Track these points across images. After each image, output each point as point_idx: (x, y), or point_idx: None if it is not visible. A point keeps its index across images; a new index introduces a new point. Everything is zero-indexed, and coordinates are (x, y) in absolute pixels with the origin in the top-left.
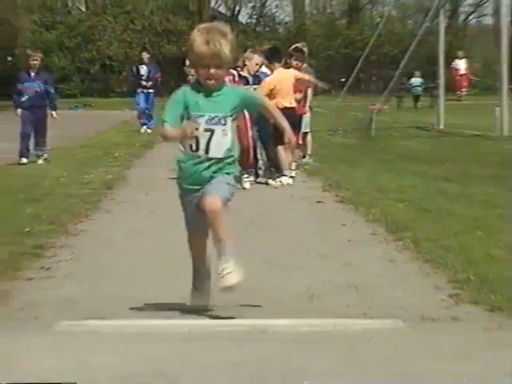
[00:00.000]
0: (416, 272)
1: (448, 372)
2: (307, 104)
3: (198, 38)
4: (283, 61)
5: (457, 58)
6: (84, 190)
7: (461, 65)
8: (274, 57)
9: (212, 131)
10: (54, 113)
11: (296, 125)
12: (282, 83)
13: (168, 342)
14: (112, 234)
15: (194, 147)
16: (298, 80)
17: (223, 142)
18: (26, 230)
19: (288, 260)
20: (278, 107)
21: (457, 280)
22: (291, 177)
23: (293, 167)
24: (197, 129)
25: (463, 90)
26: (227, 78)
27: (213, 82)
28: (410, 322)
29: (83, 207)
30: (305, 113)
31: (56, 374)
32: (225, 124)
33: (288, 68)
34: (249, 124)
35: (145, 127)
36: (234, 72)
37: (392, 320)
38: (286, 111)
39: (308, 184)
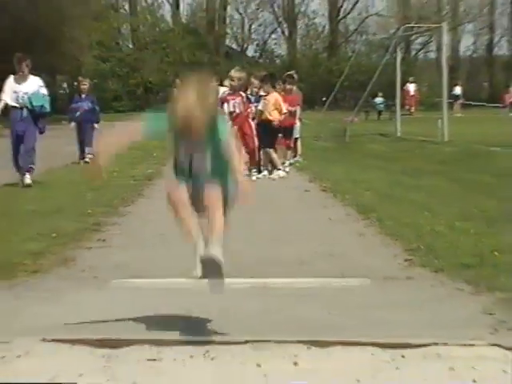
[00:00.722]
0: (380, 243)
1: (403, 317)
2: (297, 116)
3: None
4: (276, 84)
5: (408, 82)
6: (130, 181)
7: (411, 87)
8: (266, 80)
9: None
10: (96, 125)
11: (288, 132)
12: (278, 102)
13: (193, 295)
14: (151, 214)
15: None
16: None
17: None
18: (88, 211)
19: (283, 235)
20: (271, 118)
21: (410, 249)
22: (284, 171)
23: (286, 164)
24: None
25: (412, 106)
26: (238, 99)
27: None
28: (375, 280)
29: (130, 194)
30: (295, 123)
31: (112, 316)
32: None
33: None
34: (254, 131)
35: None
36: (243, 94)
37: (362, 279)
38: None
39: (298, 177)
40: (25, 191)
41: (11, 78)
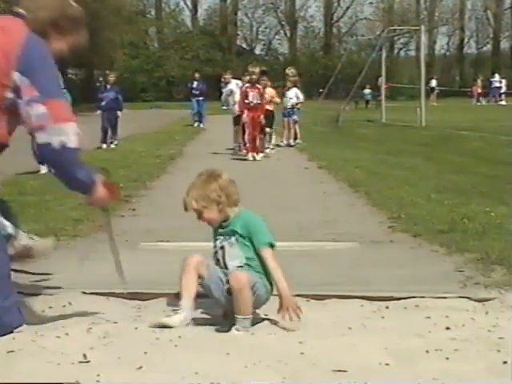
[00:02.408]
0: (367, 212)
1: (387, 274)
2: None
3: None
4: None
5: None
6: (156, 160)
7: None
8: (263, 75)
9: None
10: (119, 112)
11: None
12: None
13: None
14: (174, 187)
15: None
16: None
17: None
18: (120, 185)
19: (285, 204)
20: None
21: (393, 217)
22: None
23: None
24: None
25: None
26: (256, 91)
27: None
28: (363, 244)
29: (155, 171)
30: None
31: (140, 274)
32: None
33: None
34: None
35: (197, 123)
36: (260, 86)
37: (352, 242)
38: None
39: (299, 157)
40: None
41: None
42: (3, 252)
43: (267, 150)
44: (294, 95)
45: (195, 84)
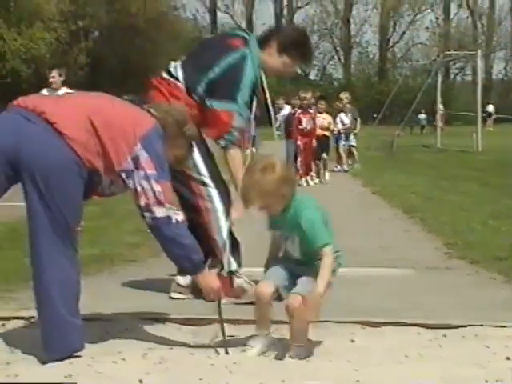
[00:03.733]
0: (423, 238)
1: (444, 301)
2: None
3: None
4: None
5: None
6: None
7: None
8: (321, 99)
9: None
10: None
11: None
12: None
13: None
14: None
15: None
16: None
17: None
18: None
19: (340, 230)
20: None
21: (449, 243)
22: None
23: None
24: None
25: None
26: (308, 116)
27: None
28: (419, 270)
29: None
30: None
31: (195, 299)
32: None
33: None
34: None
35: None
36: (311, 111)
37: (407, 269)
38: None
39: (353, 182)
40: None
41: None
42: (76, 273)
43: (324, 177)
44: (350, 120)
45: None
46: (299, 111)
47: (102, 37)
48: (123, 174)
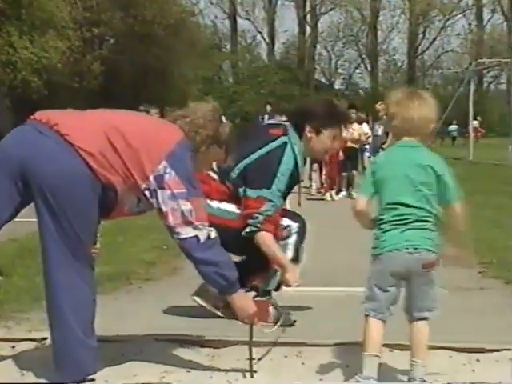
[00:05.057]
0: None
1: (477, 323)
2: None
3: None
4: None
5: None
6: None
7: (475, 124)
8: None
9: None
10: None
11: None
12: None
13: (287, 301)
14: None
15: None
16: None
17: None
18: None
19: (368, 247)
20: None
21: (483, 262)
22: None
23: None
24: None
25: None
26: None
27: None
28: (451, 290)
29: None
30: None
31: (214, 319)
32: None
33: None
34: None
35: None
36: None
37: (439, 289)
38: None
39: None
40: None
41: None
42: (92, 293)
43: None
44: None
45: (266, 118)
46: None
47: (118, 44)
48: (147, 193)
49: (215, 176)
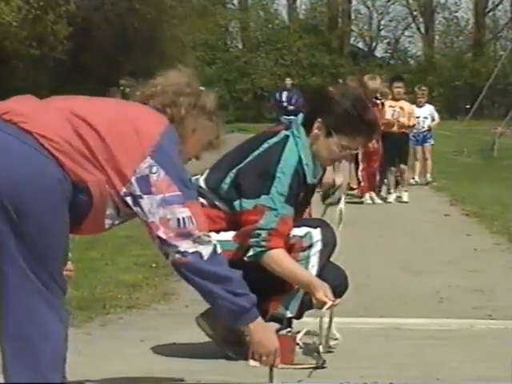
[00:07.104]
0: None
1: None
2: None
3: None
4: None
5: None
6: None
7: None
8: (397, 81)
9: None
10: None
11: None
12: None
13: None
14: None
15: None
16: None
17: None
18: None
19: (419, 265)
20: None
21: None
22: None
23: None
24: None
25: None
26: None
27: None
28: None
29: None
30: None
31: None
32: None
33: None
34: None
35: None
36: (378, 102)
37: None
38: None
39: (436, 199)
40: None
41: None
42: (63, 327)
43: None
44: (428, 114)
45: (284, 96)
46: None
47: None
48: (129, 200)
49: (203, 201)
